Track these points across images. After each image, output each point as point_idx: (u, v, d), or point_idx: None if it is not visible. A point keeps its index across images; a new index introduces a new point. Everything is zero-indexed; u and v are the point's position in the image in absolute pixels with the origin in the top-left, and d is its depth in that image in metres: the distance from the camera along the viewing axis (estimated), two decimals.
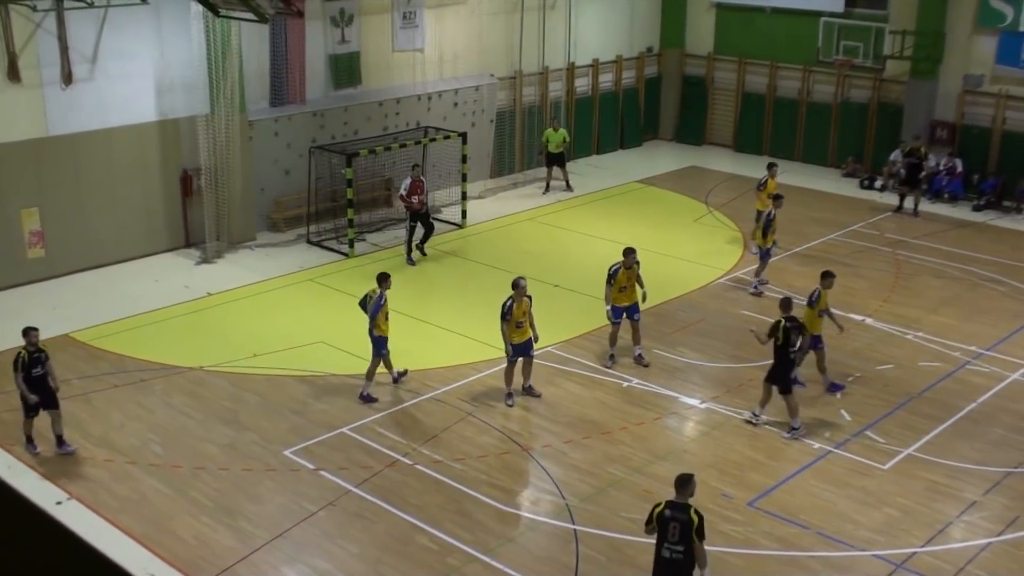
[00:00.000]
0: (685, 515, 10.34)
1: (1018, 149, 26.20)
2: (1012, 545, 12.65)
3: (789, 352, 14.92)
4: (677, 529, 10.30)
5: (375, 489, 13.52)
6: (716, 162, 30.05)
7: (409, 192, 21.25)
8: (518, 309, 15.48)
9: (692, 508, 10.42)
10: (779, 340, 14.87)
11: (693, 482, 10.57)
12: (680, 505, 10.43)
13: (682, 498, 10.47)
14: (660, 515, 10.40)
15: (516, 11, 27.15)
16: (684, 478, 10.59)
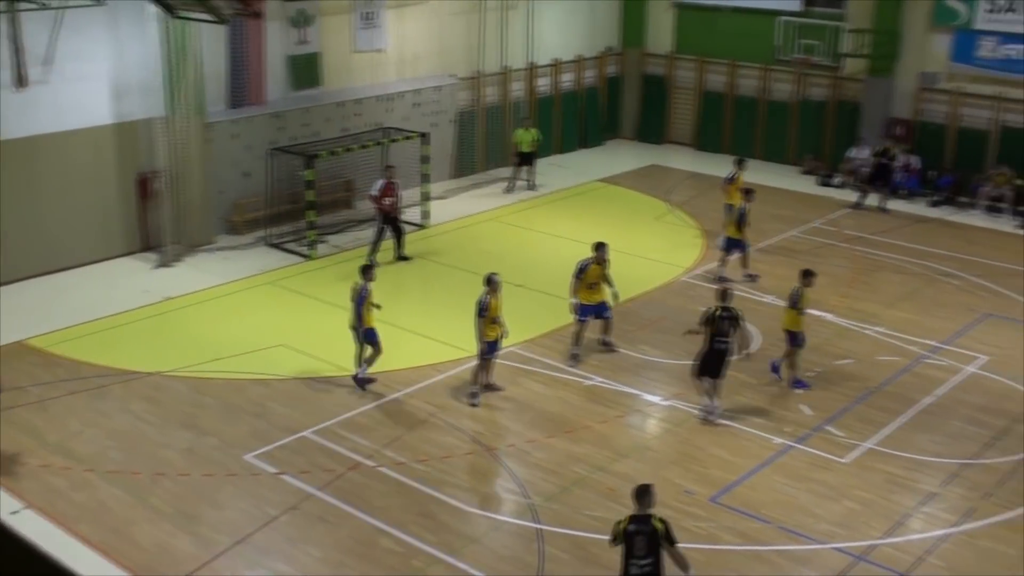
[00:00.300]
0: (649, 526, 10.15)
1: (973, 145, 26.53)
2: (969, 535, 12.80)
3: (717, 342, 15.09)
4: (644, 542, 10.08)
5: (338, 492, 13.45)
6: (677, 160, 30.19)
7: (381, 194, 21.17)
8: (495, 304, 15.48)
9: (655, 517, 10.26)
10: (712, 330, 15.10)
11: (652, 492, 10.36)
12: (642, 517, 10.23)
13: (642, 510, 10.28)
14: (624, 531, 10.19)
15: (477, 11, 27.15)
16: (642, 489, 10.37)
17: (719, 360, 15.29)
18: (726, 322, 15.14)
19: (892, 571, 12.09)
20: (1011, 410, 15.89)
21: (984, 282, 21.07)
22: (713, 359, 15.26)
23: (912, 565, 12.19)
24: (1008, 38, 25.52)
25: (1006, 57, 25.66)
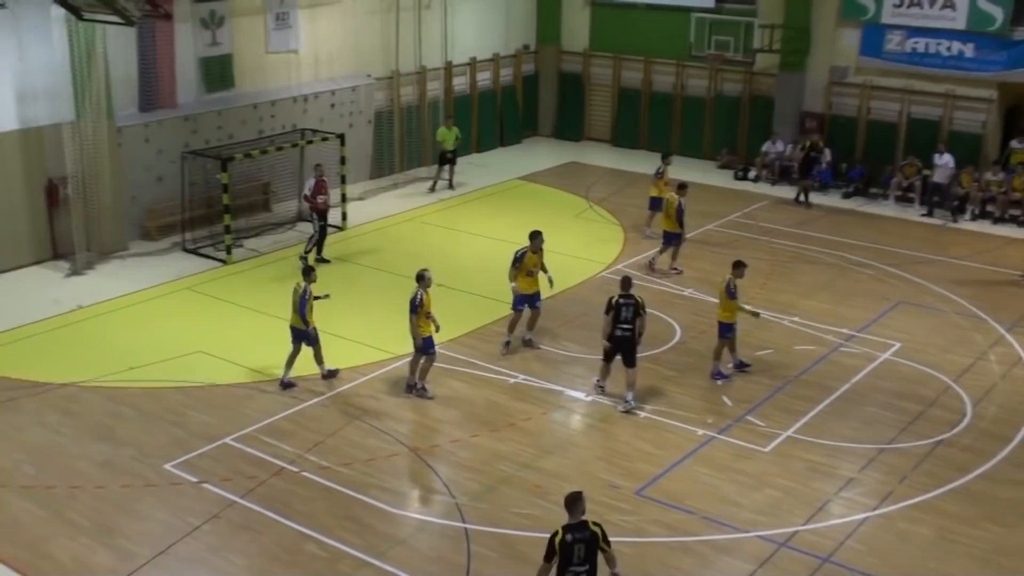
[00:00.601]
0: (587, 532, 9.90)
1: (883, 137, 27.11)
2: (887, 518, 13.07)
3: (620, 328, 15.39)
4: (583, 550, 9.85)
5: (261, 499, 13.27)
6: (595, 157, 30.36)
7: (314, 192, 21.18)
8: (428, 300, 15.59)
9: (590, 522, 10.03)
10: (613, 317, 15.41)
11: (583, 499, 10.06)
12: (577, 525, 9.96)
13: (576, 517, 10.00)
14: (562, 542, 9.86)
15: (391, 11, 26.99)
16: (574, 497, 10.08)
17: (625, 346, 15.56)
18: (626, 309, 15.45)
19: (814, 556, 12.28)
20: (924, 395, 16.25)
21: (896, 271, 21.54)
22: (618, 345, 15.57)
23: (833, 550, 12.40)
24: (915, 32, 26.11)
25: (913, 51, 26.24)
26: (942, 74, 26.03)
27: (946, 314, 19.40)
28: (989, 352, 17.81)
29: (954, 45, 25.71)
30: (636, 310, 15.50)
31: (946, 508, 13.29)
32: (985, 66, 25.40)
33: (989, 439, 14.97)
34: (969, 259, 22.37)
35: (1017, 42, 24.90)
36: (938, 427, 15.27)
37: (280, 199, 24.33)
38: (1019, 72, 25.00)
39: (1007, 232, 24.18)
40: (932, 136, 26.27)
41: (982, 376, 16.93)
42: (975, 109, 25.97)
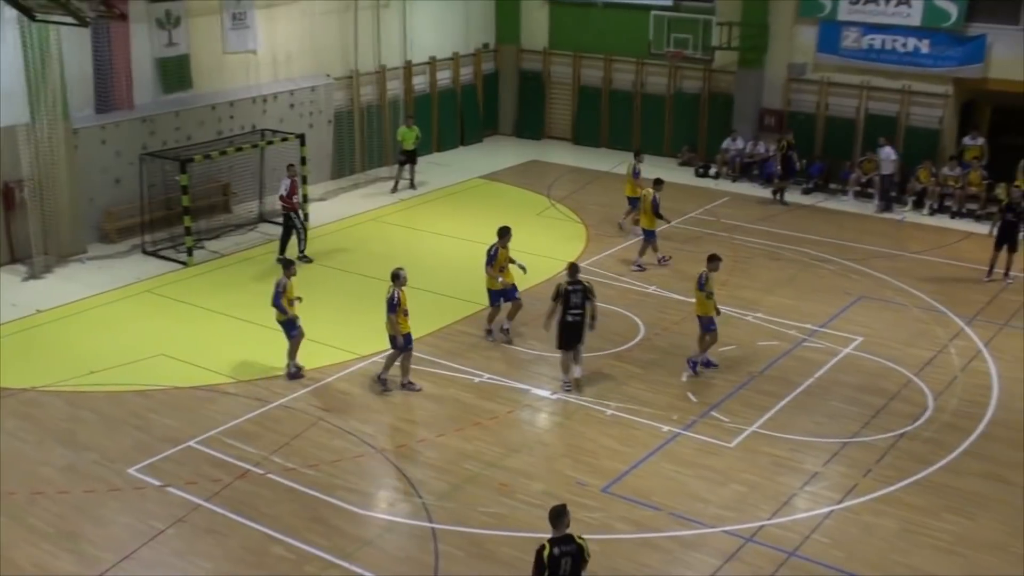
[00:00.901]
0: (573, 545, 9.77)
1: (841, 133, 27.34)
2: (852, 511, 13.18)
3: (570, 314, 15.79)
4: (569, 564, 9.73)
5: (226, 502, 13.16)
6: (556, 155, 30.40)
7: (290, 192, 21.32)
8: (404, 297, 15.75)
9: (575, 536, 9.84)
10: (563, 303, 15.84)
11: (567, 512, 9.91)
12: (563, 538, 9.77)
13: (561, 531, 9.84)
14: (550, 556, 9.66)
15: (349, 10, 26.85)
16: (559, 510, 9.88)
17: (574, 331, 15.99)
18: (574, 295, 15.85)
19: (780, 550, 12.36)
20: (886, 388, 16.41)
21: (856, 265, 21.73)
22: (568, 331, 15.97)
23: (799, 544, 12.49)
24: (871, 29, 26.33)
25: (869, 47, 26.48)
26: (898, 70, 26.29)
27: (907, 308, 19.60)
28: (949, 345, 18.01)
29: (910, 41, 25.97)
30: (585, 295, 15.92)
31: (909, 500, 13.42)
32: (940, 62, 25.68)
33: (950, 431, 15.14)
34: (928, 253, 22.62)
35: (971, 38, 25.19)
36: (900, 420, 15.42)
37: (241, 200, 24.14)
38: (973, 68, 25.30)
39: (965, 226, 24.45)
40: (890, 132, 26.51)
41: (943, 369, 17.11)
42: (931, 105, 26.25)
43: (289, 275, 16.29)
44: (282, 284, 16.17)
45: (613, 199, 25.97)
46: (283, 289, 16.15)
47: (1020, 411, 15.77)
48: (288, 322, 16.29)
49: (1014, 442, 14.88)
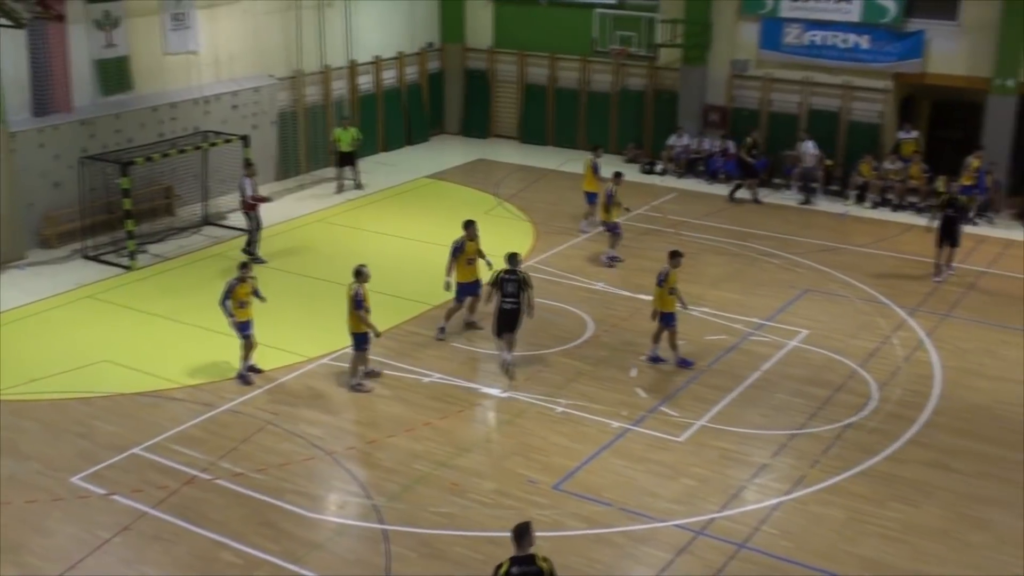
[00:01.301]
0: (534, 567, 9.37)
1: (784, 129, 27.58)
2: (800, 502, 13.30)
3: (505, 302, 16.35)
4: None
5: (173, 509, 13.00)
6: (503, 154, 30.40)
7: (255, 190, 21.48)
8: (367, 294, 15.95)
9: (537, 557, 9.48)
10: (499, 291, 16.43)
11: (531, 530, 9.55)
12: (525, 558, 9.43)
13: (523, 550, 9.43)
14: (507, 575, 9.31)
15: (292, 9, 26.65)
16: (521, 528, 9.49)
17: (509, 318, 16.50)
18: (509, 284, 16.36)
19: (730, 542, 12.45)
20: (832, 380, 16.59)
21: (801, 259, 21.95)
22: (502, 317, 16.53)
23: (748, 535, 12.59)
24: (812, 25, 26.60)
25: (811, 43, 26.75)
26: (839, 66, 26.58)
27: (850, 301, 19.83)
28: (892, 336, 18.25)
29: (850, 37, 26.27)
30: (519, 285, 16.39)
31: (856, 490, 13.58)
32: (880, 57, 26.01)
33: (895, 421, 15.34)
34: (871, 246, 22.91)
35: (910, 34, 25.55)
36: (846, 411, 15.60)
37: (184, 203, 23.85)
38: (912, 63, 25.65)
39: (906, 219, 24.79)
40: (832, 127, 26.85)
41: (886, 360, 17.34)
42: (872, 100, 26.58)
43: (242, 277, 16.12)
44: (230, 285, 16.04)
45: (561, 197, 26.06)
46: (230, 290, 16.00)
47: (962, 399, 16.03)
48: (238, 324, 16.13)
49: (956, 430, 15.11)
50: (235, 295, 16.03)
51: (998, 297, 20.00)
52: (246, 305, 16.17)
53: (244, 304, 16.14)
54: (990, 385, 16.50)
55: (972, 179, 24.24)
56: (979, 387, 16.45)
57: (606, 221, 21.57)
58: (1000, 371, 16.93)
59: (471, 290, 17.98)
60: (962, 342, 18.02)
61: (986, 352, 17.64)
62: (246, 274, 16.23)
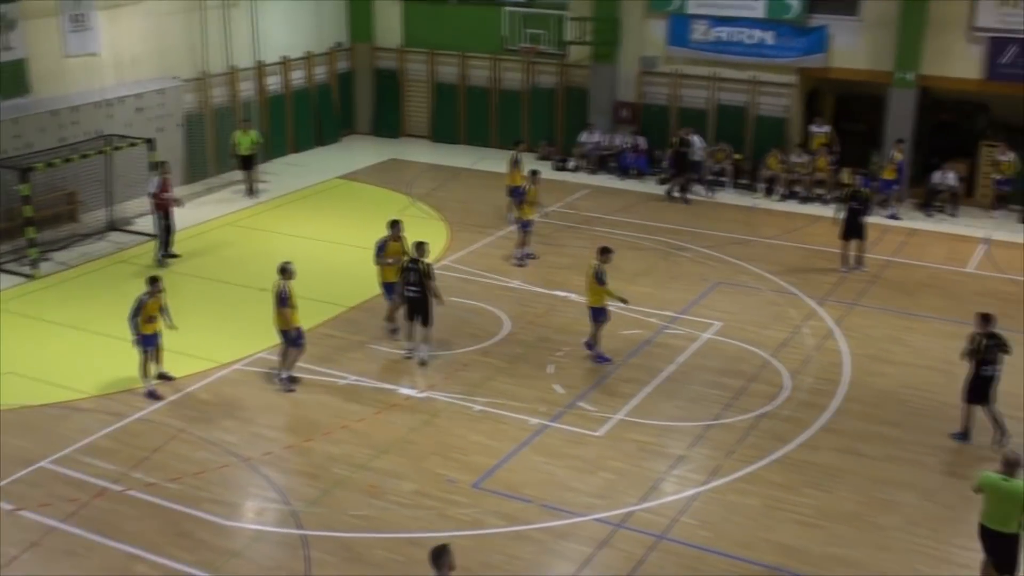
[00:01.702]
0: None
1: (693, 124, 27.78)
2: (717, 492, 13.48)
3: (407, 290, 16.71)
4: None
5: (84, 522, 12.69)
6: (415, 153, 30.28)
7: (161, 189, 21.19)
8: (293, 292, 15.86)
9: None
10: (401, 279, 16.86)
11: (449, 551, 9.19)
12: None
13: (443, 572, 9.20)
14: None
15: (196, 10, 26.19)
16: (438, 551, 9.19)
17: (416, 306, 16.78)
18: (411, 273, 16.64)
19: (650, 534, 12.56)
20: (745, 371, 16.84)
21: (712, 252, 22.24)
22: (408, 304, 16.85)
23: (668, 527, 12.71)
24: (718, 21, 26.97)
25: (717, 39, 27.11)
26: (745, 61, 26.99)
27: (762, 292, 20.15)
28: (803, 326, 18.59)
29: (755, 33, 26.69)
30: (420, 275, 16.63)
31: (771, 478, 13.80)
32: (785, 53, 26.47)
33: (807, 409, 15.63)
34: (780, 238, 23.31)
35: (813, 29, 26.04)
36: (760, 401, 15.85)
37: (88, 208, 23.28)
38: (816, 58, 26.15)
39: (813, 211, 25.26)
40: (740, 121, 27.26)
41: (798, 349, 17.65)
42: (778, 94, 27.04)
43: (152, 292, 15.71)
44: (140, 301, 15.64)
45: (474, 195, 26.06)
46: (140, 306, 15.62)
47: (870, 386, 16.39)
48: (143, 338, 15.73)
49: (866, 416, 15.45)
50: (145, 310, 15.65)
51: (903, 285, 20.49)
52: (154, 320, 15.81)
53: (152, 319, 15.78)
54: (897, 371, 16.90)
55: (894, 172, 24.78)
56: (886, 373, 16.84)
57: (519, 218, 21.60)
58: (906, 357, 17.35)
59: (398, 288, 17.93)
60: (869, 330, 18.43)
61: (892, 339, 18.07)
62: (156, 289, 15.81)
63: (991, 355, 14.42)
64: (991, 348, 14.42)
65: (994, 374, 14.53)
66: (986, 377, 14.48)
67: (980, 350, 14.41)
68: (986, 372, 14.46)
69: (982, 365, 14.44)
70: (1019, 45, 23.99)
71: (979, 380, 14.51)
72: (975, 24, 24.43)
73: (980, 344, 14.42)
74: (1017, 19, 23.92)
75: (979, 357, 14.44)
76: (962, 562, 12.11)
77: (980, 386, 14.52)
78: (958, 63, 24.86)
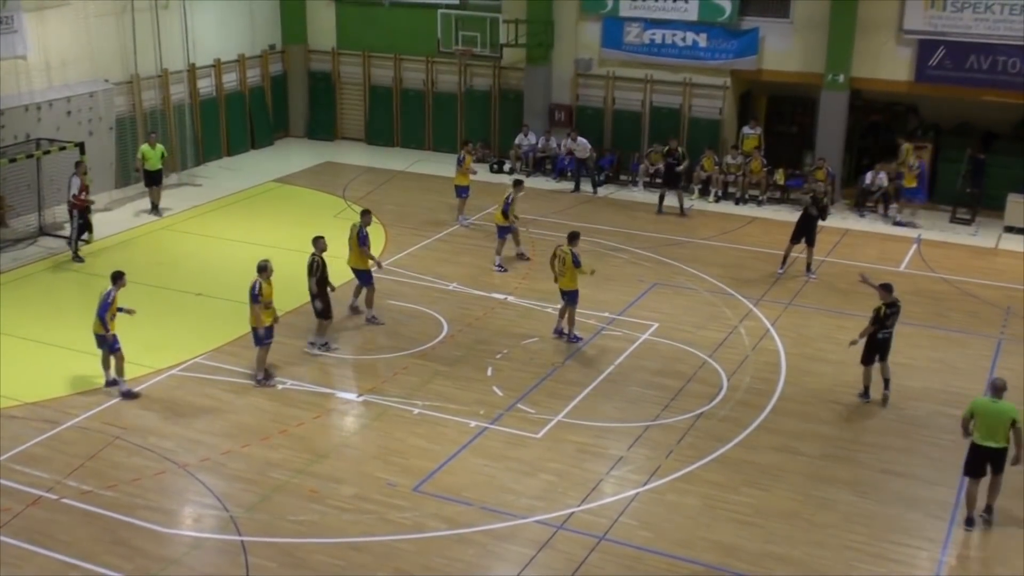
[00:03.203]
0: None
1: (628, 126, 28.15)
2: (657, 492, 13.59)
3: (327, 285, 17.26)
4: None
5: (18, 532, 12.46)
6: (350, 156, 30.11)
7: (81, 190, 21.15)
8: (268, 289, 15.79)
9: None
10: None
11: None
12: None
13: None
14: None
15: (126, 11, 25.79)
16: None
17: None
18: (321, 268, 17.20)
19: (591, 535, 12.62)
20: (682, 371, 16.99)
21: (649, 253, 22.41)
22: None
23: (608, 527, 12.79)
24: (651, 24, 27.19)
25: (651, 42, 27.34)
26: (679, 64, 27.24)
27: (698, 292, 20.35)
28: (739, 326, 18.81)
29: (688, 36, 26.95)
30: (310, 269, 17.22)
31: (710, 477, 13.95)
32: (717, 55, 26.77)
33: (744, 408, 15.82)
34: (715, 239, 23.55)
35: (745, 31, 26.37)
36: (698, 401, 16.00)
37: (17, 213, 22.81)
38: (748, 60, 26.49)
39: (748, 212, 25.58)
40: (675, 123, 27.51)
41: (735, 350, 17.85)
42: (712, 96, 27.32)
43: (119, 287, 15.70)
44: (111, 295, 15.56)
45: (410, 198, 26.00)
46: (111, 301, 15.53)
47: (806, 385, 16.64)
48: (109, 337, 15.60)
49: (802, 415, 15.68)
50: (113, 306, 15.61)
51: (836, 284, 20.82)
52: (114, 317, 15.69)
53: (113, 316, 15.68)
54: (831, 369, 17.16)
55: (915, 180, 24.81)
56: (821, 372, 17.10)
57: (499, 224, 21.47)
58: (840, 355, 17.58)
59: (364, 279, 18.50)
60: (804, 329, 18.71)
61: (826, 338, 18.35)
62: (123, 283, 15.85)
63: (890, 321, 15.77)
64: (891, 316, 15.74)
65: (890, 336, 15.87)
66: (883, 339, 15.84)
67: (882, 317, 15.67)
68: (884, 335, 15.81)
69: (880, 330, 15.75)
70: (947, 47, 24.52)
71: (876, 342, 15.81)
72: (904, 27, 24.94)
73: (882, 312, 15.66)
74: (944, 22, 24.46)
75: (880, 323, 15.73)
76: (897, 558, 12.36)
77: (878, 347, 15.84)
78: (888, 65, 25.34)
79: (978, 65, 24.39)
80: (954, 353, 17.54)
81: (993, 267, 22.10)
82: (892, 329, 15.84)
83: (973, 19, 24.26)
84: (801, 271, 21.34)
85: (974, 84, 24.56)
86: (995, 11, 24.04)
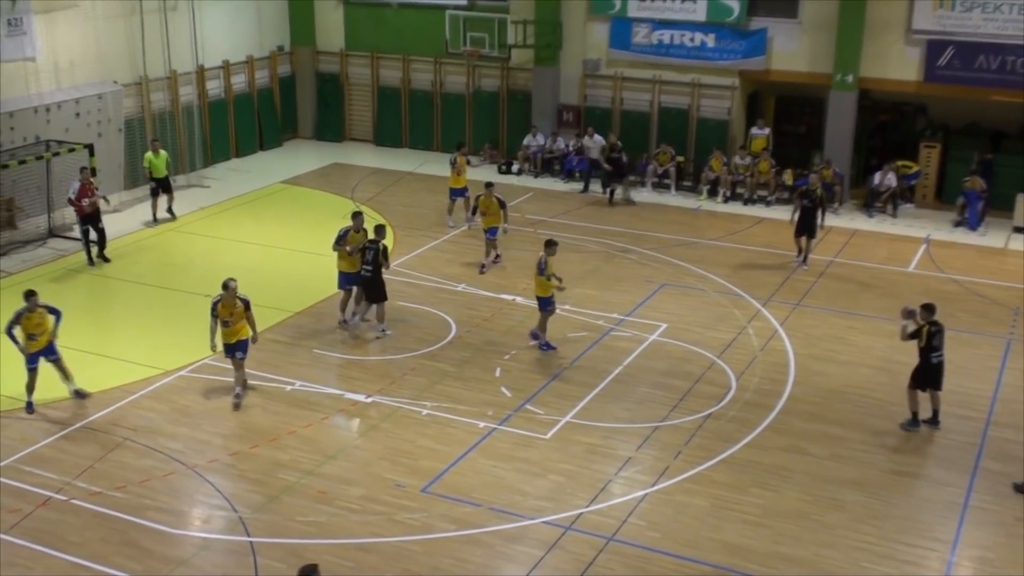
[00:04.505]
0: None
1: (636, 126, 28.12)
2: (665, 493, 13.57)
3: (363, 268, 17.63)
4: None
5: (27, 533, 12.48)
6: (358, 157, 30.14)
7: (79, 195, 20.86)
8: (223, 309, 15.54)
9: None
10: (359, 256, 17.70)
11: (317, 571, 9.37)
12: None
13: None
14: None
15: (135, 14, 25.85)
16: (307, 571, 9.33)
17: (368, 285, 17.72)
18: (370, 252, 17.51)
19: (599, 536, 12.61)
20: (691, 372, 16.97)
21: (657, 254, 22.39)
22: (363, 284, 17.81)
23: (617, 528, 12.77)
24: (659, 24, 27.18)
25: (659, 42, 27.33)
26: (687, 64, 27.23)
27: (706, 293, 20.32)
28: (748, 327, 18.78)
29: (696, 36, 26.94)
30: (377, 255, 17.43)
31: (718, 478, 13.93)
32: (726, 55, 26.75)
33: (753, 409, 15.79)
34: (723, 240, 23.52)
35: (753, 32, 26.34)
36: (706, 401, 15.98)
37: (27, 215, 22.89)
38: (756, 60, 26.46)
39: (756, 212, 25.55)
40: (683, 123, 27.50)
41: (743, 350, 17.82)
42: (720, 97, 27.31)
43: (31, 307, 15.02)
44: (17, 314, 15.02)
45: (418, 199, 26.01)
46: (16, 319, 15.02)
47: (815, 385, 16.60)
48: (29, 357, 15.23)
49: (811, 415, 15.65)
50: (23, 326, 15.06)
51: (845, 285, 20.78)
52: (36, 338, 15.18)
53: (34, 336, 15.17)
54: (840, 370, 17.13)
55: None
56: (830, 372, 17.06)
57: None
58: (849, 356, 17.60)
59: (352, 280, 18.18)
60: (813, 329, 18.67)
61: (835, 338, 18.32)
62: (34, 304, 15.06)
63: (936, 341, 15.00)
64: (936, 335, 15.00)
65: (942, 361, 15.10)
66: (937, 364, 15.09)
67: (925, 337, 14.95)
68: (937, 359, 15.07)
69: (930, 353, 15.00)
70: (956, 47, 24.47)
71: (930, 367, 15.08)
72: (913, 27, 24.88)
73: (925, 331, 14.95)
74: (953, 22, 24.41)
75: (923, 344, 15.00)
76: (907, 559, 12.33)
77: (931, 372, 15.11)
78: (896, 65, 25.30)
79: (987, 65, 24.34)
80: (963, 353, 17.49)
81: (1002, 267, 22.05)
82: (943, 351, 15.09)
83: (982, 19, 24.20)
84: (808, 269, 21.41)
85: (983, 84, 24.50)
86: (1004, 11, 23.98)
